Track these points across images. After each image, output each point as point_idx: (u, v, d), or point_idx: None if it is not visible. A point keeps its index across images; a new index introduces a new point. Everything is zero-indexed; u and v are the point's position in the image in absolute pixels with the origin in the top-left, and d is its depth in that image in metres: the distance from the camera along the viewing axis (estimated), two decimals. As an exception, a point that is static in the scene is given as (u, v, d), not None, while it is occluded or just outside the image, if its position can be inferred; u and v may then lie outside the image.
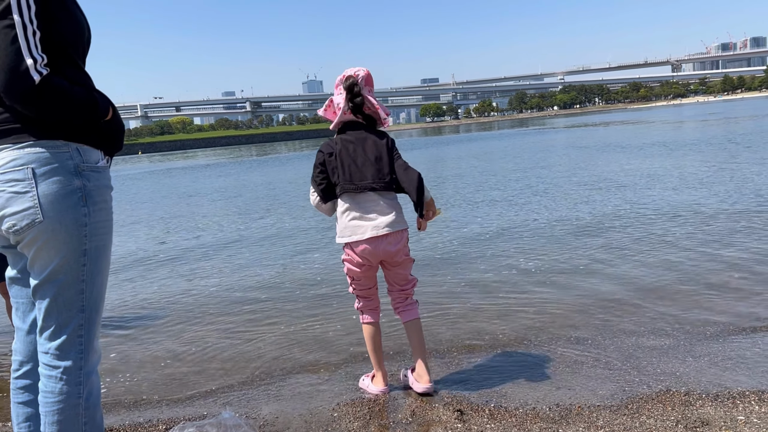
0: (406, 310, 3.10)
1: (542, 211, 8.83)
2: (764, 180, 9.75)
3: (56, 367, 1.90)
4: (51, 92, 1.74)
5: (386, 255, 2.91)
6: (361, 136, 2.93)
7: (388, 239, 2.88)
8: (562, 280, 5.12)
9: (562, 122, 69.66)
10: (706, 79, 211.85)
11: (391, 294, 3.13)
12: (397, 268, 3.02)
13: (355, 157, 2.88)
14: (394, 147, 2.98)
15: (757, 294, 4.36)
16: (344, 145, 2.91)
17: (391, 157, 2.92)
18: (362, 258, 2.91)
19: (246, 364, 3.77)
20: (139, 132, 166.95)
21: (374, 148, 2.90)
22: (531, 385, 3.10)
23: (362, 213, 2.88)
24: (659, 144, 20.16)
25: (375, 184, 2.86)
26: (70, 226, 1.82)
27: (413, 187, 2.84)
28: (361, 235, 2.86)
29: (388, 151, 2.91)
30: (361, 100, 2.90)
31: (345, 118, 2.95)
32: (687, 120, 40.45)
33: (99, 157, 1.93)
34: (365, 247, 2.88)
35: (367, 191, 2.87)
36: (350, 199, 2.90)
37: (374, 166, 2.87)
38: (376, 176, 2.86)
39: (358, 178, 2.86)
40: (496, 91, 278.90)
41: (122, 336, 4.56)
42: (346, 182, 2.87)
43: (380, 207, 2.88)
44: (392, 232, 2.87)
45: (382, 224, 2.85)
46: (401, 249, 2.94)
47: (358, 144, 2.90)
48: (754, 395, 2.81)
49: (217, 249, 8.06)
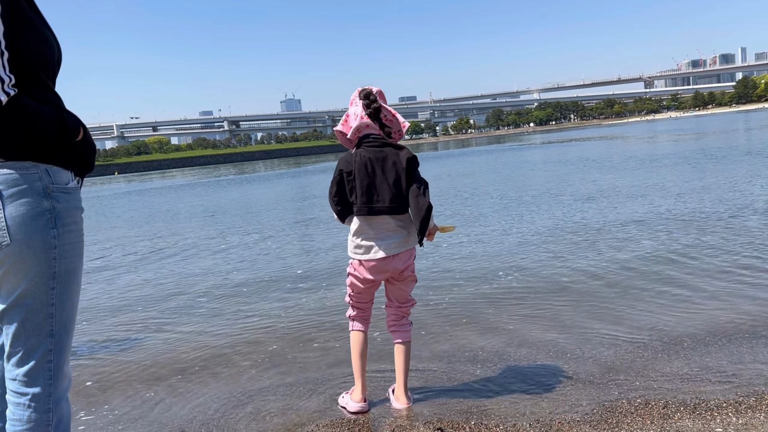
0: (399, 330, 3.13)
1: (522, 224, 8.89)
2: (738, 192, 9.95)
3: (24, 394, 1.84)
4: (18, 113, 1.70)
5: (394, 272, 2.97)
6: (381, 154, 2.87)
7: (398, 257, 2.93)
8: (542, 295, 5.14)
9: (539, 138, 70.54)
10: (678, 95, 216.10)
11: (389, 309, 3.17)
12: (401, 284, 3.06)
13: (373, 178, 2.85)
14: (416, 166, 2.90)
15: (734, 304, 4.42)
16: (363, 162, 2.85)
17: (410, 180, 2.87)
18: (371, 274, 2.96)
19: (224, 386, 3.71)
20: (115, 152, 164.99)
21: (393, 169, 2.84)
22: (511, 401, 3.09)
23: (375, 234, 2.91)
24: (642, 158, 20.49)
25: (390, 208, 2.85)
26: (39, 249, 1.78)
27: (419, 218, 2.80)
28: (374, 254, 2.90)
29: (407, 174, 2.85)
30: (378, 106, 2.90)
31: (362, 122, 2.90)
32: (661, 134, 41.17)
33: (69, 178, 1.90)
34: (375, 265, 2.92)
35: (382, 214, 2.87)
36: (365, 220, 2.91)
37: (391, 190, 2.84)
38: (393, 201, 2.84)
39: (375, 200, 2.85)
40: (474, 109, 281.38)
41: (95, 360, 4.46)
42: (363, 204, 2.86)
43: (393, 228, 2.91)
44: (401, 252, 2.92)
45: (393, 245, 2.90)
46: (409, 266, 3.00)
47: (377, 163, 2.85)
48: (731, 407, 2.84)
49: (192, 266, 7.96)
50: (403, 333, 3.12)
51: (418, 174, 2.91)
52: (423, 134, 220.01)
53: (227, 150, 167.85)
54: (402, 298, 3.12)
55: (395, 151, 2.88)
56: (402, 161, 2.85)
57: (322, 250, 8.41)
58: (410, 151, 2.91)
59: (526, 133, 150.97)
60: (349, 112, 3.00)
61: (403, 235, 2.93)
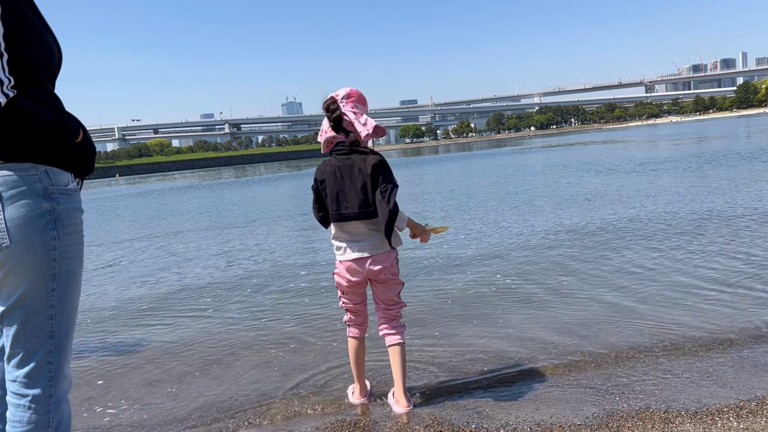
0: (390, 333, 3.14)
1: (523, 228, 8.88)
2: (729, 197, 9.94)
3: (24, 396, 1.84)
4: (17, 114, 1.70)
5: (370, 274, 3.04)
6: (348, 162, 2.95)
7: (370, 260, 3.00)
8: (542, 299, 5.13)
9: (540, 142, 70.55)
10: (679, 100, 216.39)
11: (377, 313, 3.20)
12: (383, 287, 3.10)
13: (342, 186, 2.96)
14: (381, 171, 2.90)
15: (733, 308, 4.41)
16: (332, 170, 2.98)
17: (375, 184, 2.91)
18: (349, 275, 3.05)
19: (225, 390, 3.70)
20: (116, 154, 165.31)
21: (360, 176, 2.92)
22: (512, 405, 3.08)
23: (348, 237, 3.02)
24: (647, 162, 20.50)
25: (360, 214, 2.94)
26: (39, 250, 1.78)
27: (384, 220, 2.89)
28: (348, 256, 3.01)
29: (372, 179, 2.90)
30: (337, 115, 2.93)
31: (327, 136, 3.02)
32: (662, 139, 41.17)
33: (69, 180, 1.90)
34: (350, 265, 3.03)
35: (352, 220, 2.97)
36: (338, 226, 3.04)
37: (359, 196, 2.92)
38: (361, 206, 2.93)
39: (344, 207, 2.96)
40: (474, 112, 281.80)
41: (97, 362, 4.46)
42: (334, 211, 3.00)
43: (365, 232, 2.99)
44: (374, 254, 2.99)
45: (366, 247, 2.99)
46: (385, 269, 3.03)
47: (345, 171, 2.95)
48: (732, 411, 2.83)
49: (192, 270, 7.96)
50: (394, 335, 3.13)
51: (387, 177, 2.92)
52: (424, 138, 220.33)
53: (228, 152, 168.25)
54: (388, 300, 3.14)
55: (362, 158, 2.95)
56: (367, 167, 2.91)
57: (322, 249, 8.41)
58: (378, 156, 2.94)
59: (527, 137, 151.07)
60: (323, 124, 3.08)
61: (377, 239, 2.99)
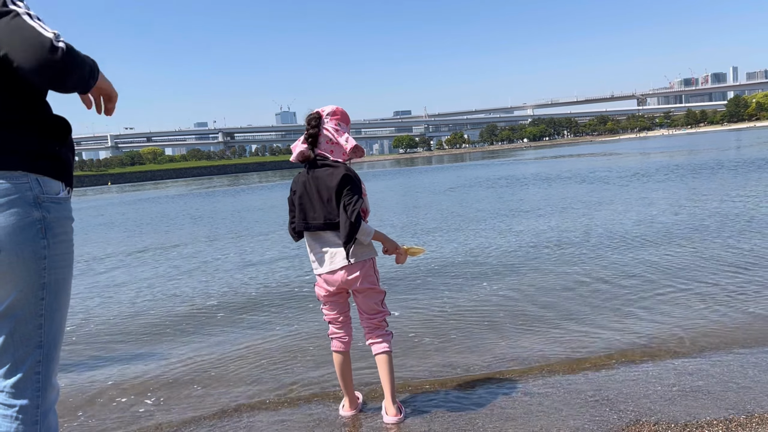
0: (375, 342, 3.13)
1: (513, 238, 8.91)
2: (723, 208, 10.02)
3: (12, 406, 1.82)
4: (74, 59, 1.70)
5: (345, 284, 3.06)
6: (318, 173, 3.00)
7: (346, 270, 3.02)
8: (534, 311, 5.14)
9: (533, 154, 70.86)
10: (671, 113, 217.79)
11: (362, 323, 3.20)
12: (362, 296, 3.12)
13: (311, 197, 3.02)
14: (347, 184, 2.93)
15: (725, 319, 4.43)
16: (303, 182, 3.05)
17: (340, 197, 2.94)
18: (326, 285, 3.09)
19: (215, 400, 3.68)
20: (109, 162, 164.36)
21: (326, 188, 2.96)
22: (503, 418, 3.08)
23: (319, 248, 3.07)
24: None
25: (325, 225, 2.99)
26: (29, 259, 1.77)
27: (344, 231, 2.91)
28: (322, 268, 3.06)
29: (337, 193, 2.94)
30: (315, 132, 3.00)
31: (299, 148, 3.04)
32: (653, 152, 41.45)
33: (60, 188, 1.89)
34: (324, 276, 3.07)
35: (319, 231, 3.03)
36: (308, 236, 3.10)
37: (325, 207, 2.98)
38: (327, 217, 2.98)
39: (311, 218, 3.03)
40: (468, 124, 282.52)
41: (83, 373, 4.42)
42: (301, 220, 3.06)
43: (336, 243, 3.01)
44: (347, 265, 3.00)
45: (337, 259, 3.02)
46: (359, 278, 3.03)
47: (314, 182, 3.00)
48: (721, 424, 2.84)
49: (186, 276, 7.93)
50: (380, 344, 3.12)
51: (353, 189, 2.94)
52: (417, 148, 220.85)
53: (221, 161, 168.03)
54: (369, 309, 3.14)
55: (331, 170, 2.98)
56: (334, 180, 2.94)
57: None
58: (347, 169, 2.98)
59: (522, 148, 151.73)
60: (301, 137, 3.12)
61: (344, 251, 2.99)
